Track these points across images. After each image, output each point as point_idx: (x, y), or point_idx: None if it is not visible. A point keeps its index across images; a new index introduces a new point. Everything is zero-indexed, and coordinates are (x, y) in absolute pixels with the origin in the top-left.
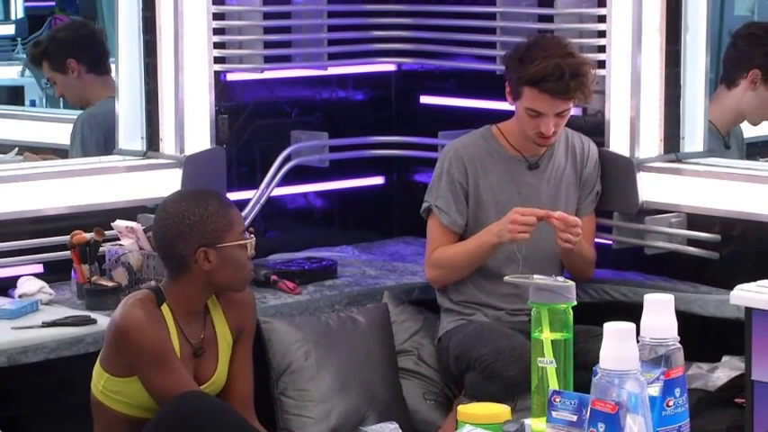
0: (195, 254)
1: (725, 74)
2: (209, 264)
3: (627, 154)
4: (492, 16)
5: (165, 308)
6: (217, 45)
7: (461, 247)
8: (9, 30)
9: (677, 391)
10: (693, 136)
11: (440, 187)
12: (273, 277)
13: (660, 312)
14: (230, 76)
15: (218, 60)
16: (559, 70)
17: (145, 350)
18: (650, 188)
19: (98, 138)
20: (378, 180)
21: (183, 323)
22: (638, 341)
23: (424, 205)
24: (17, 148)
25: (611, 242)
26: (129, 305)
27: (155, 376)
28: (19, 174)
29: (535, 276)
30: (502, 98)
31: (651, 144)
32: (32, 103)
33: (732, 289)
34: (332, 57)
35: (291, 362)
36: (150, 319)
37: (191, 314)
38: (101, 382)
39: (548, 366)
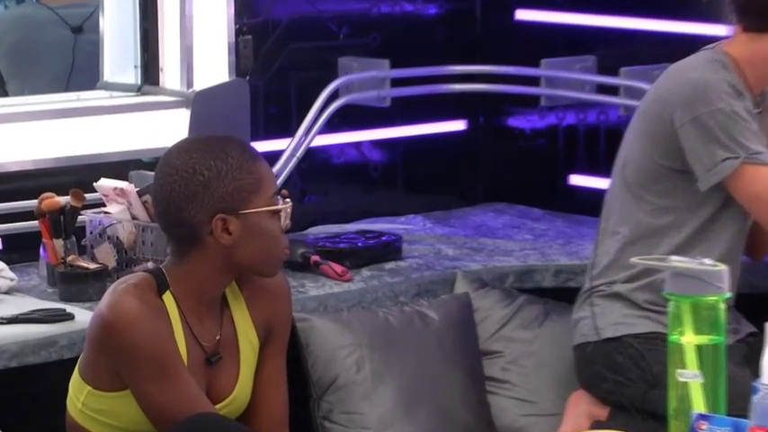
0: (211, 222)
1: None
2: (229, 236)
3: None
4: None
5: (167, 297)
6: None
7: None
8: None
9: None
10: None
11: (736, 129)
12: (315, 258)
13: None
14: None
15: None
16: None
17: (140, 354)
18: None
19: None
20: (458, 125)
21: (192, 318)
22: None
23: (729, 164)
24: None
25: None
26: (119, 293)
27: (153, 390)
28: None
29: (672, 258)
30: (630, 12)
31: None
32: None
33: None
34: None
35: (338, 374)
36: (148, 311)
37: (203, 306)
38: (80, 397)
39: (691, 381)
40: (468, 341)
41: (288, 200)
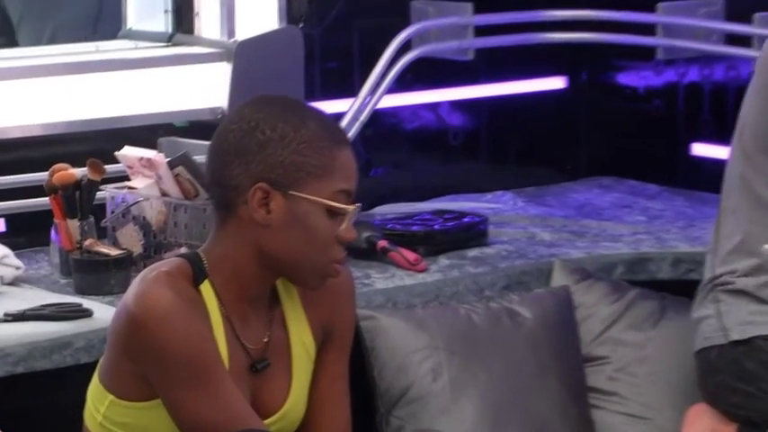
0: (250, 189)
1: None
2: (267, 214)
3: None
4: None
5: (206, 288)
6: None
7: None
8: None
9: None
10: None
11: None
12: (382, 243)
13: None
14: None
15: None
16: None
17: (174, 356)
18: None
19: None
20: (555, 83)
21: (234, 315)
22: None
23: None
24: None
25: None
26: (149, 283)
27: (189, 399)
28: None
29: None
30: None
31: None
32: None
33: None
34: None
35: (411, 383)
36: (183, 305)
37: (245, 301)
38: (101, 408)
39: None
40: (567, 344)
41: (358, 204)
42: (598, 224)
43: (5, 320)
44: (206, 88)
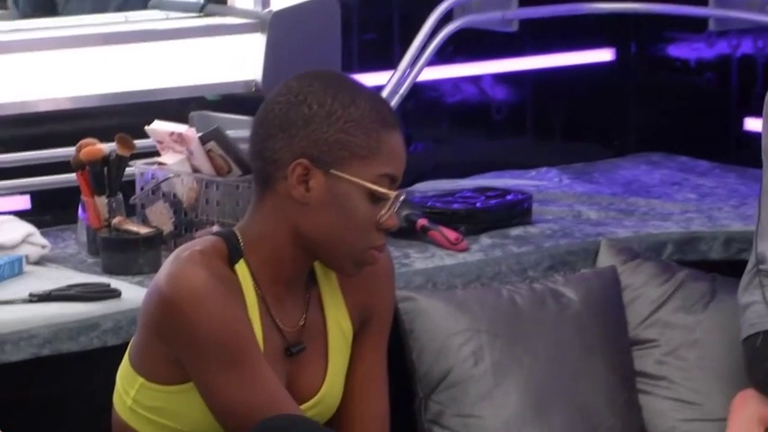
0: (291, 164)
1: None
2: (306, 192)
3: None
4: None
5: (241, 267)
6: None
7: None
8: None
9: None
10: None
11: None
12: (422, 222)
13: None
14: None
15: None
16: None
17: (208, 339)
18: None
19: None
20: (603, 55)
21: (270, 296)
22: None
23: None
24: None
25: None
26: (183, 262)
27: (222, 383)
28: None
29: None
30: None
31: None
32: None
33: None
34: None
35: (451, 367)
36: (218, 286)
37: (281, 282)
38: (131, 392)
39: None
40: (614, 327)
41: (404, 193)
42: (646, 202)
43: (31, 301)
44: (239, 60)
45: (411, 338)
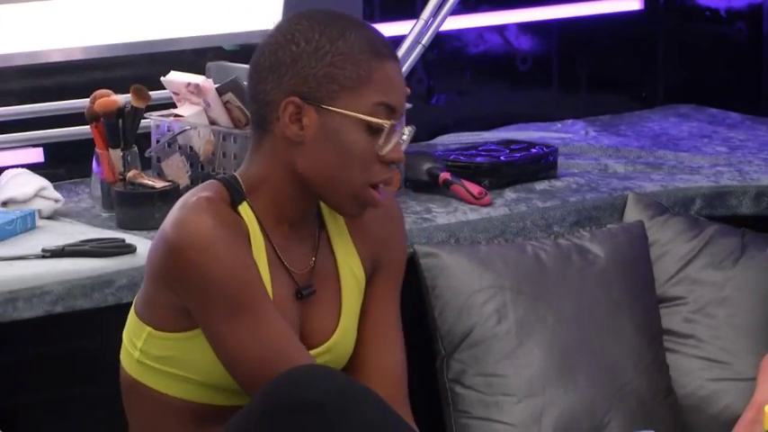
0: (282, 104)
1: None
2: (300, 130)
3: None
4: None
5: (244, 209)
6: None
7: None
8: None
9: None
10: None
11: None
12: (445, 175)
13: None
14: None
15: None
16: None
17: (216, 285)
18: None
19: None
20: (631, 4)
21: (277, 238)
22: None
23: None
24: None
25: None
26: (189, 209)
27: (230, 330)
28: None
29: None
30: None
31: None
32: None
33: None
34: None
35: (474, 325)
36: (225, 231)
37: (286, 223)
38: (138, 343)
39: None
40: (641, 284)
41: (410, 128)
42: (675, 155)
43: (43, 256)
44: (257, 9)
45: (433, 296)
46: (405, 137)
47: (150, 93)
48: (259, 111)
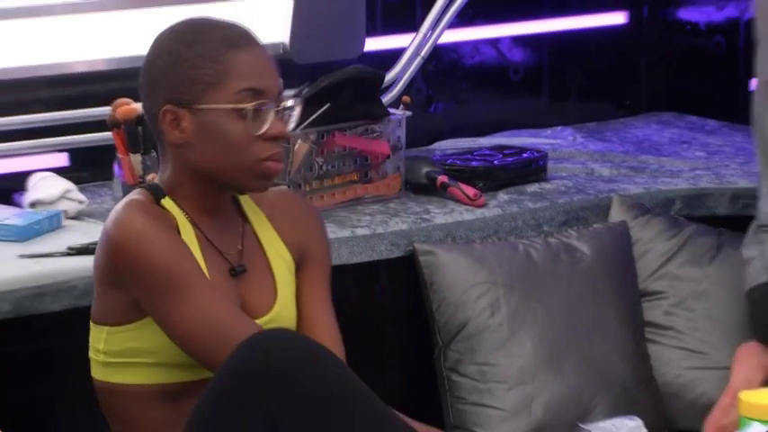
0: (160, 113)
1: None
2: (182, 134)
3: None
4: None
5: (168, 202)
6: None
7: None
8: None
9: None
10: None
11: None
12: (442, 178)
13: None
14: None
15: None
16: None
17: (156, 270)
18: None
19: None
20: (616, 18)
21: (203, 225)
22: None
23: None
24: None
25: None
26: (122, 211)
27: (174, 309)
28: (23, 5)
29: None
30: None
31: None
32: None
33: None
34: None
35: (468, 319)
36: (156, 223)
37: (207, 213)
38: (100, 345)
39: None
40: (624, 279)
41: (290, 105)
42: (657, 160)
43: (69, 254)
44: (267, 23)
45: (431, 290)
46: (288, 111)
47: None
48: (151, 125)
